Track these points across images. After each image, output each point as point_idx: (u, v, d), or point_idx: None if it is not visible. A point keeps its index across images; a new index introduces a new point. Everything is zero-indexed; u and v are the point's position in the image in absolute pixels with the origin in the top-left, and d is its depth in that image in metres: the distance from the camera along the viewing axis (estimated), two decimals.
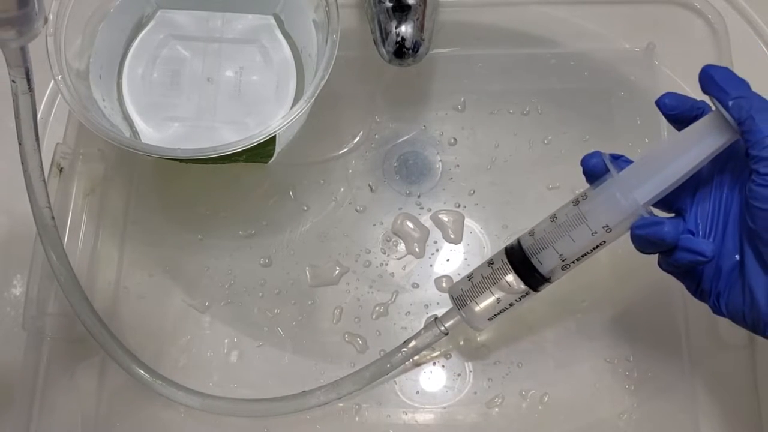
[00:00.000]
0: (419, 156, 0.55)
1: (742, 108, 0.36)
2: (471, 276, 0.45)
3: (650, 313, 0.50)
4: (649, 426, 0.47)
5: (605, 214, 0.40)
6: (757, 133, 0.35)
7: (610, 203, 0.39)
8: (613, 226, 0.40)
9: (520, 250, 0.42)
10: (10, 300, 0.51)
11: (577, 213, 0.40)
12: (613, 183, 0.40)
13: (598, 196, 0.40)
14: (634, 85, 0.56)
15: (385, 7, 0.50)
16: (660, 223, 0.38)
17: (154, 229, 0.53)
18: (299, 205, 0.54)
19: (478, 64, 0.57)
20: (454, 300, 0.45)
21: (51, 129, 0.55)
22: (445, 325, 0.45)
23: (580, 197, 0.41)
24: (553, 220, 0.41)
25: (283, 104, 0.51)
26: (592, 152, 0.41)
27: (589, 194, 0.41)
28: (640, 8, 0.58)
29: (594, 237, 0.40)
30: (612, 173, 0.40)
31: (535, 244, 0.42)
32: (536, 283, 0.43)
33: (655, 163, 0.39)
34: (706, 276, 0.39)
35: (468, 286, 0.44)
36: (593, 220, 0.40)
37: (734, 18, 0.57)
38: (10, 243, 0.53)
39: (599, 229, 0.40)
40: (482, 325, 0.45)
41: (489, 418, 0.48)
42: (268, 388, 0.49)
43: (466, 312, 0.44)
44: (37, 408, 0.48)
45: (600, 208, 0.40)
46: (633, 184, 0.39)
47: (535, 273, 0.42)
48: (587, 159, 0.41)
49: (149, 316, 0.51)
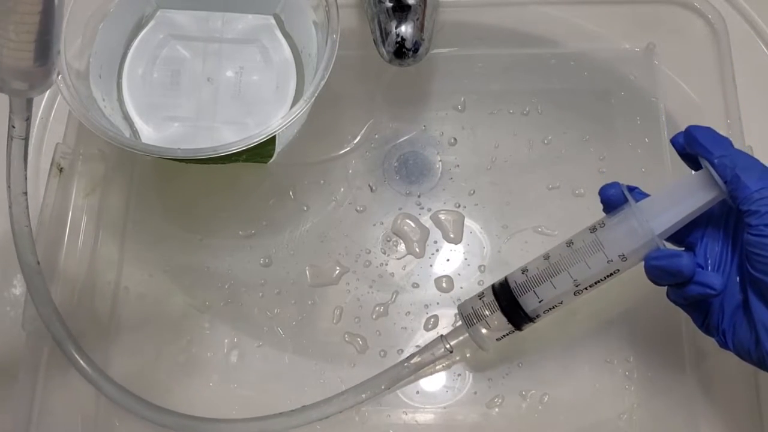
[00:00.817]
0: (419, 156, 0.55)
1: (727, 167, 0.38)
2: (482, 295, 0.45)
3: (650, 314, 0.49)
4: (649, 426, 0.47)
5: (622, 243, 0.40)
6: (744, 190, 0.37)
7: (629, 233, 0.40)
8: (629, 256, 0.40)
9: (507, 289, 0.43)
10: (10, 300, 0.51)
11: (594, 240, 0.41)
12: (631, 213, 0.40)
13: (617, 225, 0.41)
14: (634, 85, 0.56)
15: (385, 7, 0.50)
16: (678, 256, 0.39)
17: (154, 229, 0.53)
18: (299, 205, 0.54)
19: (478, 64, 0.57)
20: (463, 318, 0.45)
21: (51, 129, 0.55)
22: (450, 342, 0.45)
23: (598, 225, 0.42)
24: (569, 246, 0.42)
25: (283, 104, 0.51)
26: (611, 183, 0.42)
27: (607, 222, 0.41)
28: (640, 8, 0.58)
29: (609, 265, 0.41)
30: (630, 203, 0.41)
31: (550, 267, 0.42)
32: (520, 321, 0.43)
33: (673, 197, 0.40)
34: (713, 311, 0.40)
35: (479, 305, 0.44)
36: (610, 249, 0.41)
37: (734, 18, 0.57)
38: (10, 243, 0.52)
39: (615, 258, 0.41)
40: (490, 345, 0.45)
41: (489, 418, 0.48)
42: (268, 388, 0.49)
43: (475, 331, 0.45)
44: (37, 408, 0.48)
45: (618, 237, 0.41)
46: (651, 215, 0.40)
47: (520, 311, 0.43)
48: (605, 189, 0.42)
49: (149, 316, 0.51)
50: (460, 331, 0.46)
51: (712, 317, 0.41)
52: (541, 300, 0.42)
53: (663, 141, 0.54)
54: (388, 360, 0.49)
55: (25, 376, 0.48)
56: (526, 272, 0.43)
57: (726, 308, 0.40)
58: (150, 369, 0.49)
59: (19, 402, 0.47)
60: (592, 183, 0.53)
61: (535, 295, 0.42)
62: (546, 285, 0.42)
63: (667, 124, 0.54)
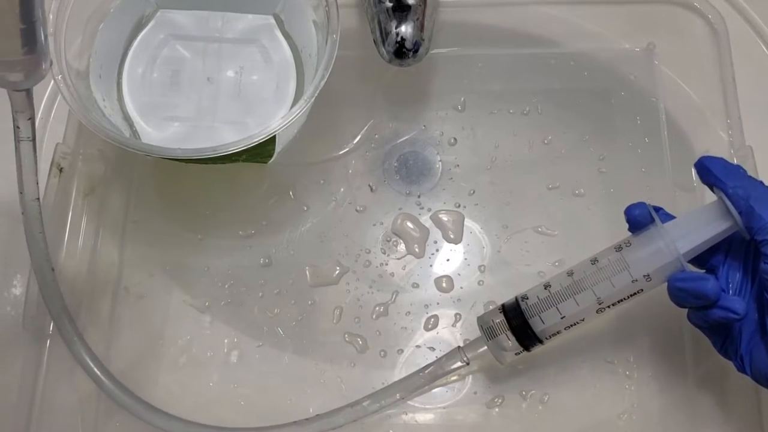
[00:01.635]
0: (419, 156, 0.55)
1: (740, 198, 0.39)
2: (502, 309, 0.45)
3: (650, 314, 0.49)
4: (649, 426, 0.47)
5: (648, 263, 0.41)
6: (759, 220, 0.38)
7: (655, 253, 0.40)
8: (653, 276, 0.41)
9: (517, 306, 0.43)
10: (10, 300, 0.51)
11: (619, 259, 0.41)
12: (658, 234, 0.41)
13: (643, 245, 0.41)
14: (634, 85, 0.56)
15: (385, 7, 0.50)
16: (704, 279, 0.39)
17: (154, 229, 0.53)
18: (299, 205, 0.54)
19: (478, 64, 0.57)
20: (483, 331, 0.45)
21: (51, 129, 0.55)
22: (468, 355, 0.45)
23: (624, 244, 0.42)
24: (594, 263, 0.42)
25: (283, 104, 0.51)
26: (637, 203, 0.42)
27: (633, 242, 0.41)
28: (640, 8, 0.58)
29: (633, 285, 0.41)
30: (657, 224, 0.41)
31: (573, 284, 0.42)
32: (529, 342, 0.43)
33: (697, 221, 0.40)
34: (732, 336, 0.41)
35: (500, 318, 0.44)
36: (635, 268, 0.41)
37: (734, 18, 0.57)
38: (10, 243, 0.52)
39: (640, 277, 0.41)
40: (509, 359, 0.45)
41: (489, 418, 0.48)
42: (268, 388, 0.49)
43: (495, 344, 0.44)
44: (37, 408, 0.48)
45: (644, 256, 0.41)
46: (677, 236, 0.40)
47: (530, 333, 0.43)
48: (632, 209, 0.42)
49: (149, 316, 0.51)
50: (478, 344, 0.45)
51: (731, 342, 0.41)
52: (563, 317, 0.42)
53: (663, 141, 0.54)
54: (388, 360, 0.49)
55: (25, 376, 0.48)
56: (548, 287, 0.43)
57: (744, 334, 0.40)
58: (150, 369, 0.49)
59: (20, 402, 0.47)
60: (592, 183, 0.53)
61: (558, 311, 0.42)
62: (569, 302, 0.42)
63: (667, 124, 0.54)
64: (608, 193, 0.53)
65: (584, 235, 0.52)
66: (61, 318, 0.46)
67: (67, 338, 0.46)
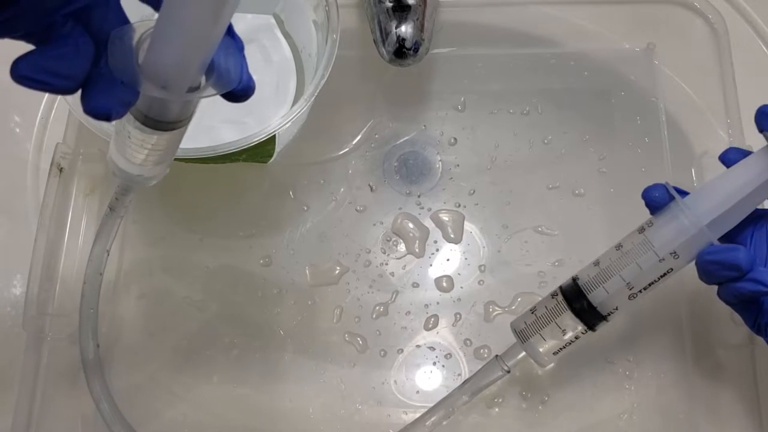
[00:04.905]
0: (419, 156, 0.55)
1: None
2: (534, 309, 0.43)
3: (650, 313, 0.50)
4: (649, 426, 0.47)
5: (672, 240, 0.40)
6: None
7: (678, 230, 0.39)
8: (680, 252, 0.40)
9: (575, 287, 0.42)
10: (10, 300, 0.51)
11: (643, 240, 0.40)
12: (679, 210, 0.40)
13: (665, 223, 0.40)
14: (634, 85, 0.56)
15: (385, 7, 0.50)
16: (735, 249, 0.38)
17: (154, 229, 0.53)
18: (299, 205, 0.54)
19: (478, 64, 0.57)
20: (517, 334, 0.43)
21: (51, 129, 0.55)
22: (508, 363, 0.44)
23: (646, 225, 0.41)
24: (618, 249, 0.41)
25: (283, 104, 0.51)
26: (654, 185, 0.41)
27: (655, 222, 0.41)
28: (640, 8, 0.58)
29: (662, 264, 0.40)
30: (677, 200, 0.40)
31: (601, 273, 0.41)
32: (594, 318, 0.42)
33: (719, 189, 0.39)
34: (763, 310, 0.39)
35: (532, 319, 0.43)
36: (660, 247, 0.40)
37: (734, 18, 0.57)
38: (10, 243, 0.53)
39: (666, 256, 0.40)
40: (548, 361, 0.43)
41: (489, 418, 0.48)
42: (268, 388, 0.49)
43: (530, 347, 0.43)
44: (37, 408, 0.48)
45: (667, 233, 0.40)
46: (699, 211, 0.39)
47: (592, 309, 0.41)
48: (649, 191, 0.41)
49: (149, 316, 0.51)
50: (516, 350, 0.44)
51: (763, 316, 0.40)
52: (609, 293, 0.41)
53: (663, 141, 0.54)
54: (388, 360, 0.49)
55: (25, 376, 0.48)
56: (597, 264, 0.42)
57: None
58: (150, 369, 0.49)
59: (19, 402, 0.47)
60: (592, 183, 0.53)
61: (605, 291, 0.41)
62: (600, 289, 0.41)
63: (667, 124, 0.54)
64: (608, 193, 0.53)
65: (584, 235, 0.52)
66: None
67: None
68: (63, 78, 0.29)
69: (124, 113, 0.30)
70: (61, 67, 0.28)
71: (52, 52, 0.28)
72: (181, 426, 0.48)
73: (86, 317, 0.44)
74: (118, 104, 0.29)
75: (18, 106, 0.56)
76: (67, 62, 0.29)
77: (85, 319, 0.45)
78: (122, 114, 0.30)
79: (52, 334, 0.49)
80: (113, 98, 0.29)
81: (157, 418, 0.48)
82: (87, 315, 0.44)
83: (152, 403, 0.48)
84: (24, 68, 0.28)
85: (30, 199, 0.53)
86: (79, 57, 0.29)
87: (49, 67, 0.28)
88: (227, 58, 0.30)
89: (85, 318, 0.44)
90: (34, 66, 0.28)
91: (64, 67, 0.28)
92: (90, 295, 0.44)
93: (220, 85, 0.30)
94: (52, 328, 0.49)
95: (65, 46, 0.28)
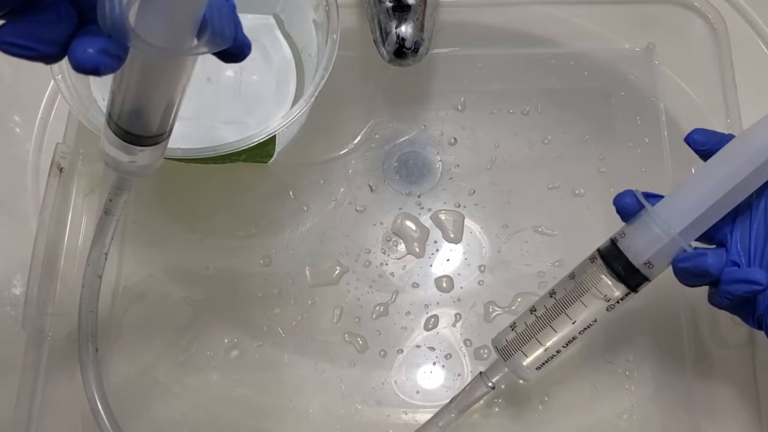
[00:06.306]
0: (419, 156, 0.55)
1: None
2: (514, 325, 0.43)
3: (650, 313, 0.49)
4: (649, 426, 0.47)
5: (645, 251, 0.39)
6: None
7: (650, 239, 0.39)
8: (654, 262, 0.39)
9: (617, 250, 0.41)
10: (10, 300, 0.51)
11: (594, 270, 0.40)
12: (649, 218, 0.39)
13: (635, 232, 0.39)
14: (634, 85, 0.56)
15: (385, 7, 0.50)
16: (703, 255, 0.38)
17: (154, 229, 0.53)
18: (299, 205, 0.54)
19: (478, 64, 0.57)
20: (498, 351, 0.43)
21: (51, 129, 0.55)
22: (492, 380, 0.43)
23: (618, 235, 0.40)
24: (593, 261, 0.41)
25: (283, 104, 0.51)
26: (624, 191, 0.40)
27: (626, 231, 0.40)
28: (640, 8, 0.58)
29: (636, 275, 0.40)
30: (647, 208, 0.39)
31: (576, 286, 0.41)
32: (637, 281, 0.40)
33: (691, 192, 0.38)
34: (760, 305, 0.39)
35: (512, 335, 0.43)
36: (634, 258, 0.39)
37: (734, 18, 0.57)
38: (10, 243, 0.53)
39: (641, 266, 0.39)
40: (531, 376, 0.43)
41: (489, 418, 0.48)
42: (268, 388, 0.49)
43: (513, 363, 0.43)
44: (37, 407, 0.48)
45: (639, 244, 0.39)
46: (670, 217, 0.38)
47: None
48: (620, 198, 0.40)
49: (149, 316, 0.51)
50: (498, 367, 0.43)
51: (760, 309, 0.39)
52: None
53: (663, 141, 0.54)
54: (388, 360, 0.49)
55: (25, 376, 0.48)
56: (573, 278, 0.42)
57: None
58: (150, 368, 0.49)
59: (19, 402, 0.47)
60: (592, 183, 0.53)
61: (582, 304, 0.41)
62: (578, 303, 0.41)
63: (667, 124, 0.54)
64: (608, 193, 0.53)
65: (584, 235, 0.52)
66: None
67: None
68: (47, 43, 0.29)
69: (112, 67, 0.30)
70: (44, 32, 0.29)
71: (36, 17, 0.29)
72: (180, 426, 0.48)
73: (85, 319, 0.44)
74: (106, 56, 0.29)
75: (18, 105, 0.56)
76: (51, 27, 0.29)
77: (84, 322, 0.44)
78: (110, 67, 0.30)
79: (52, 333, 0.49)
80: (101, 52, 0.29)
81: (157, 418, 0.48)
82: (86, 317, 0.44)
83: (151, 402, 0.48)
84: (8, 34, 0.29)
85: (30, 199, 0.53)
86: (62, 21, 0.29)
87: (33, 33, 0.29)
88: (221, 17, 0.30)
89: (84, 320, 0.44)
90: (18, 31, 0.29)
91: (48, 32, 0.29)
92: (89, 297, 0.44)
93: (214, 44, 0.30)
94: (52, 328, 0.49)
95: (47, 12, 0.29)
